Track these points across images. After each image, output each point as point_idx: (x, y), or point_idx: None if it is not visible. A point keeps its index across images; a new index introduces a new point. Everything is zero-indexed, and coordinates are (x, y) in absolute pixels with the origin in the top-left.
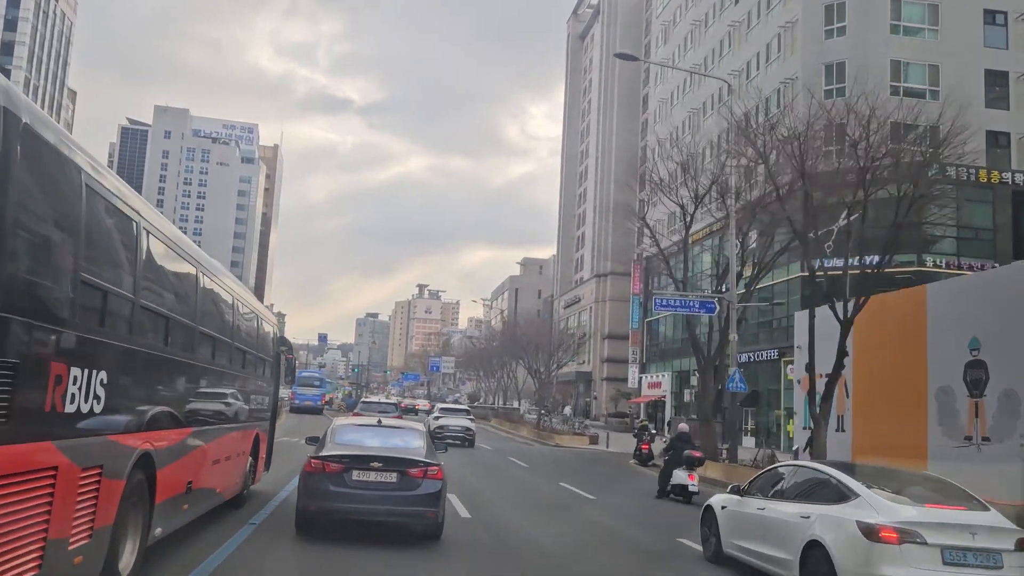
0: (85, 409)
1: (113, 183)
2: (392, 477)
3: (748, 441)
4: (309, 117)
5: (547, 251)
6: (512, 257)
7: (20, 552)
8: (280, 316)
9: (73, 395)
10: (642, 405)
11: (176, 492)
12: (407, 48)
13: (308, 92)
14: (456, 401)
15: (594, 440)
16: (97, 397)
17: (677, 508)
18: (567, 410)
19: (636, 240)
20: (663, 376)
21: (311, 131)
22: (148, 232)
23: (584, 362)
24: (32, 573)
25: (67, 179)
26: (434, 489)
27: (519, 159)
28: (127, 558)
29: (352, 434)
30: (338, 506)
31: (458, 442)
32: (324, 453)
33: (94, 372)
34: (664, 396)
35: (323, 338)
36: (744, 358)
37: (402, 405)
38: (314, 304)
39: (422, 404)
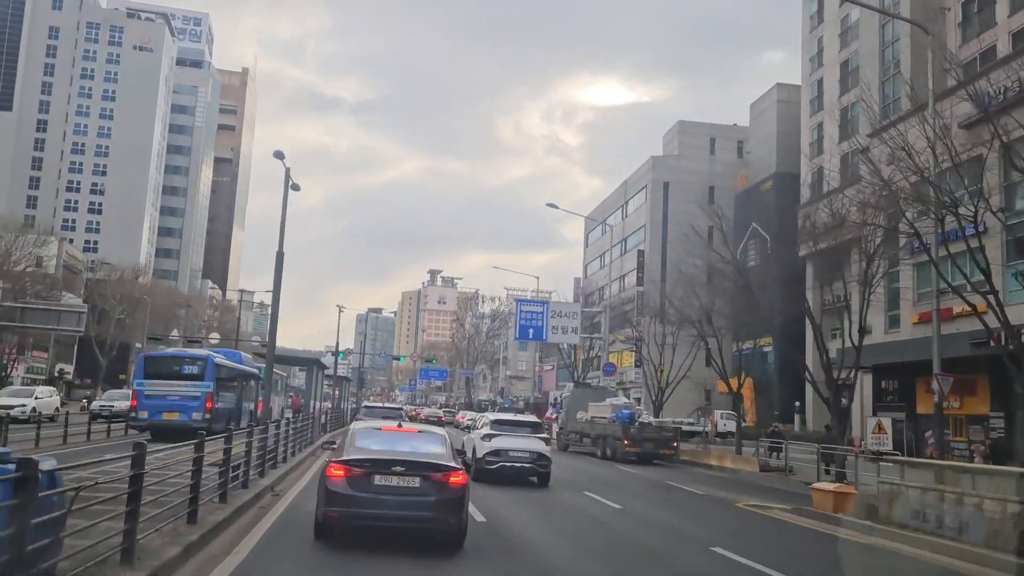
0: None
1: None
2: (415, 482)
3: None
4: (301, 120)
5: (554, 253)
6: (514, 262)
7: None
8: (264, 306)
9: None
10: None
11: None
12: (397, 44)
13: (296, 91)
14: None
15: None
16: None
17: None
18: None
19: None
20: None
21: (304, 134)
22: None
23: None
24: None
25: None
26: (456, 494)
27: (517, 159)
28: None
29: (373, 438)
30: (360, 511)
31: (524, 475)
32: (346, 457)
33: None
34: None
35: None
36: None
37: (419, 415)
38: (313, 312)
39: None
